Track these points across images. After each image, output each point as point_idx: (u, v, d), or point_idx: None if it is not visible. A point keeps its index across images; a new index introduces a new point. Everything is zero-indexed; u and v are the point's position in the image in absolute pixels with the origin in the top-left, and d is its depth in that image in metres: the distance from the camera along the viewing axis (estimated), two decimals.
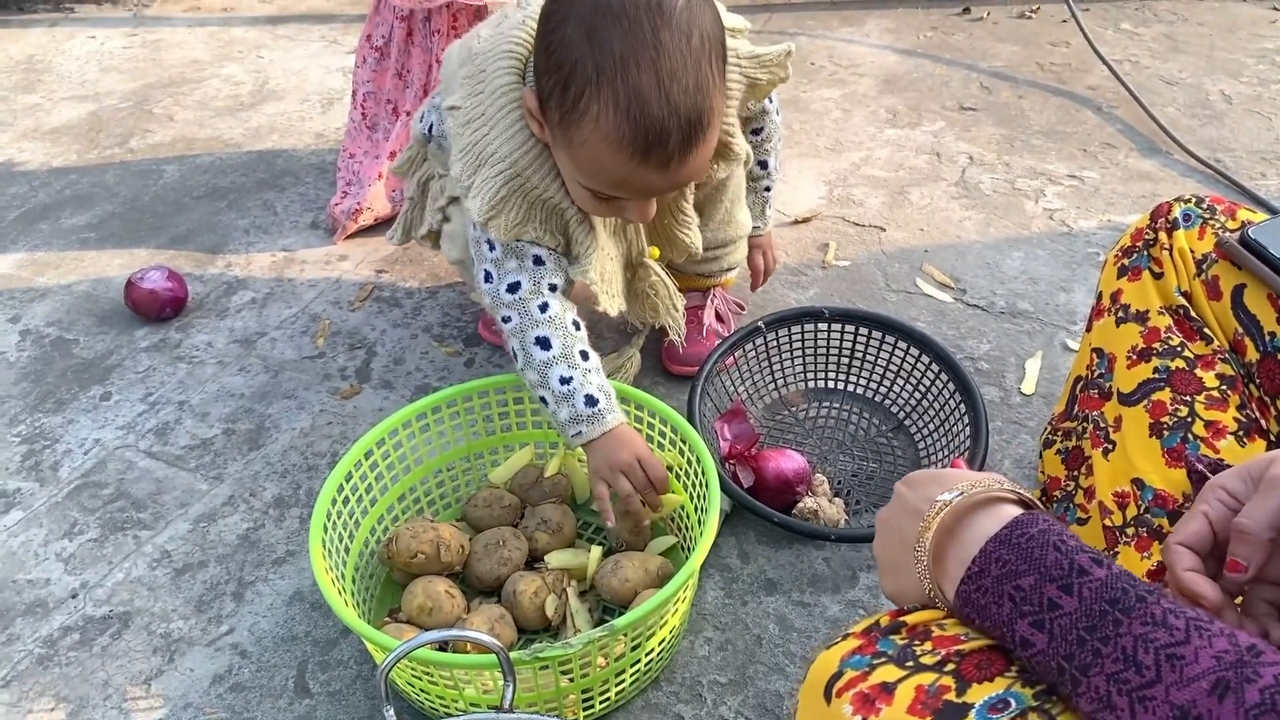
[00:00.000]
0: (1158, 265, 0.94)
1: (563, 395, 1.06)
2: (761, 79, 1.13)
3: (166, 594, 1.13)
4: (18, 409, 1.39)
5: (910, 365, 1.28)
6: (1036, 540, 0.60)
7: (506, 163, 1.04)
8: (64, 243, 1.74)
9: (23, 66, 2.40)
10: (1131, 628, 0.54)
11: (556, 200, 1.07)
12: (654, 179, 0.96)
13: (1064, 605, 0.56)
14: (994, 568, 0.60)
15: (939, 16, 2.39)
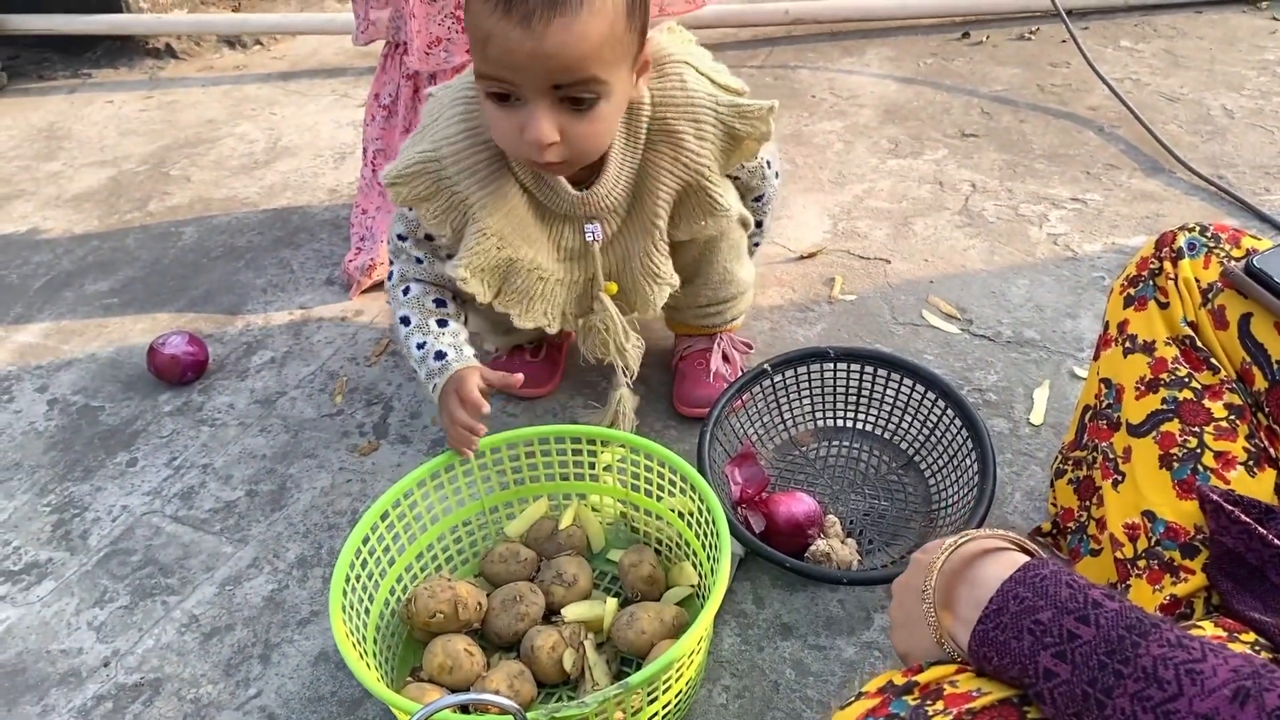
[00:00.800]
0: (1163, 295, 0.95)
1: (419, 358, 1.21)
2: (739, 129, 1.16)
3: (195, 659, 1.16)
4: (47, 478, 1.43)
5: (917, 401, 1.30)
6: (1050, 579, 0.62)
7: (431, 145, 1.15)
8: (88, 309, 1.78)
9: (44, 134, 2.46)
10: (1150, 649, 0.56)
11: (463, 196, 1.16)
12: (518, 39, 0.97)
13: (1083, 635, 0.59)
14: (1012, 604, 0.63)
15: (939, 42, 2.41)
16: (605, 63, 1.01)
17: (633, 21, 1.03)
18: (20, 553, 1.32)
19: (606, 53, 1.01)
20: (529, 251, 1.20)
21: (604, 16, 0.99)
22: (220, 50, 2.81)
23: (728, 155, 1.19)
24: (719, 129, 1.16)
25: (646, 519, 1.20)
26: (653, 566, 1.14)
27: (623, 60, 1.04)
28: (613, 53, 1.02)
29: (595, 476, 1.22)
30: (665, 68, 1.15)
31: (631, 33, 1.03)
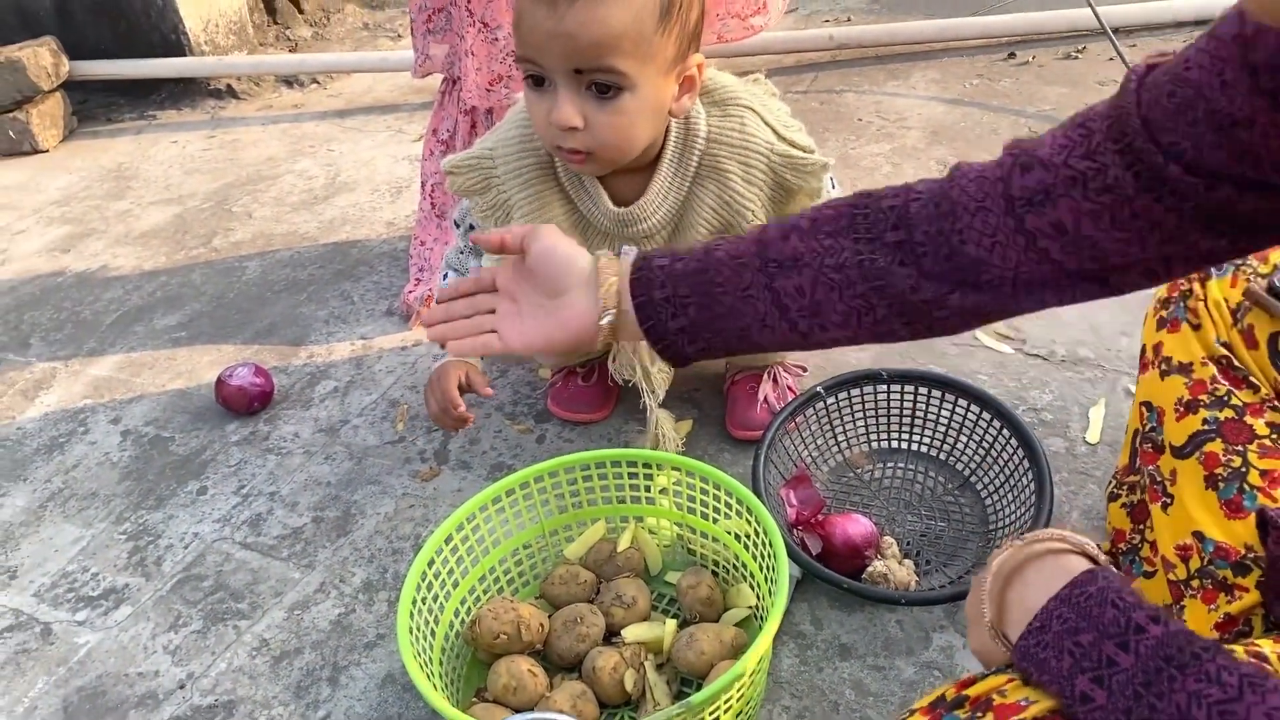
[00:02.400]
0: (1195, 316, 0.95)
1: None
2: (790, 180, 1.18)
3: (266, 681, 1.19)
4: (123, 507, 1.48)
5: (972, 422, 1.30)
6: (1095, 598, 0.63)
7: (491, 143, 1.23)
8: (157, 343, 1.84)
9: (113, 174, 2.55)
10: (1186, 684, 0.56)
11: (507, 196, 1.22)
12: (543, 17, 1.03)
13: (1121, 662, 0.59)
14: (1055, 624, 0.63)
15: (985, 63, 2.42)
16: (626, 54, 1.04)
17: (666, 25, 1.05)
18: (99, 579, 1.37)
19: (628, 45, 1.04)
20: None
21: (628, 7, 1.02)
22: (279, 90, 2.89)
23: (777, 206, 1.21)
24: (768, 176, 1.18)
25: (703, 541, 1.22)
26: (710, 588, 1.15)
27: (649, 60, 1.06)
28: (636, 47, 1.04)
29: (651, 499, 1.24)
30: (729, 108, 1.18)
31: (664, 36, 1.05)
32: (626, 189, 1.21)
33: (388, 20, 3.24)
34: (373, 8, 3.33)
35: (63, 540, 1.44)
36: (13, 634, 1.30)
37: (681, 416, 1.46)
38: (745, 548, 1.15)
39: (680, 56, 1.09)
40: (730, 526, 1.17)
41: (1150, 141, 0.65)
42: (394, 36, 3.13)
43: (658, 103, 1.11)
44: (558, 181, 1.22)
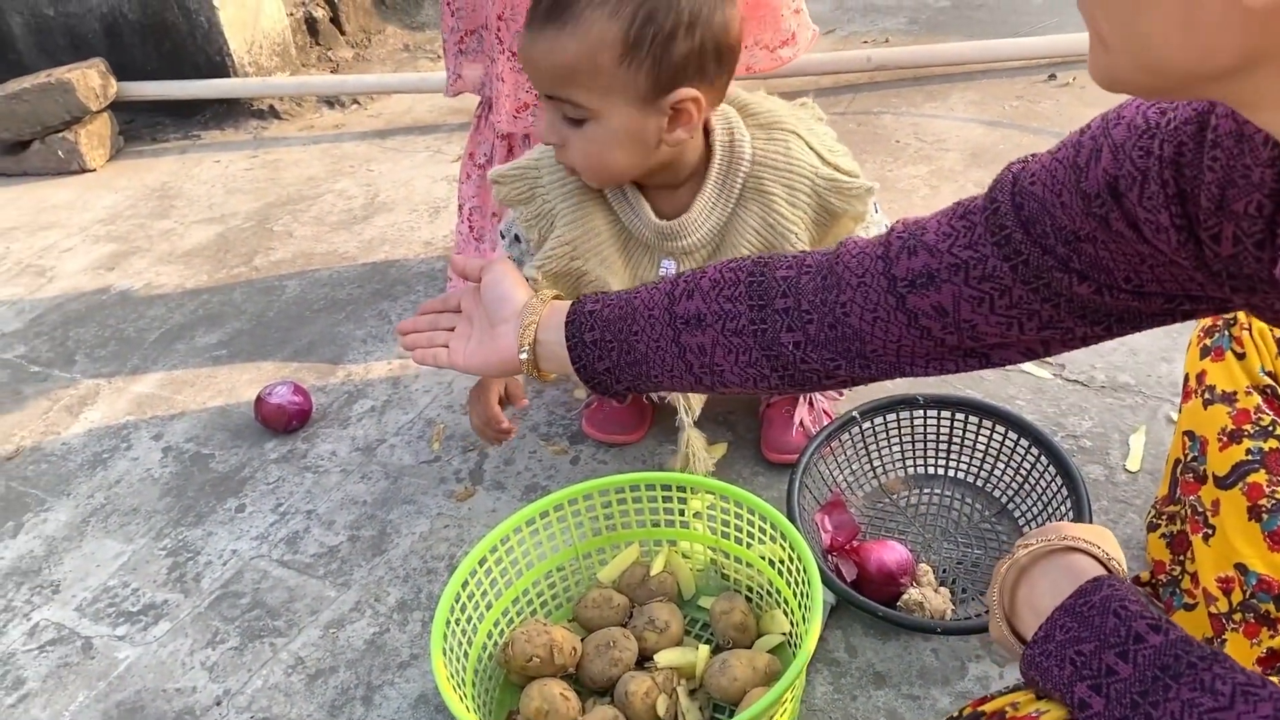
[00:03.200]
0: (1239, 345, 0.94)
1: None
2: (834, 204, 1.18)
3: (302, 700, 1.20)
4: (163, 523, 1.50)
5: (1009, 449, 1.29)
6: (1098, 607, 0.65)
7: (537, 154, 1.26)
8: (199, 360, 1.87)
9: (157, 194, 2.60)
10: (1180, 693, 0.58)
11: (551, 206, 1.24)
12: (525, 42, 1.09)
13: (1120, 671, 0.61)
14: (1058, 633, 0.65)
15: (1025, 85, 2.41)
16: (582, 86, 1.07)
17: (634, 59, 1.05)
18: (139, 594, 1.38)
19: (583, 77, 1.06)
20: (599, 269, 1.25)
21: (585, 43, 1.04)
22: (320, 110, 2.93)
23: (821, 229, 1.21)
24: (812, 199, 1.18)
25: (737, 566, 1.21)
26: (744, 614, 1.15)
27: (613, 92, 1.07)
28: (593, 80, 1.06)
29: (685, 523, 1.24)
30: (773, 131, 1.19)
31: (631, 70, 1.05)
32: (670, 204, 1.22)
33: (427, 41, 3.28)
34: (413, 29, 3.37)
35: (104, 555, 1.46)
36: (55, 647, 1.32)
37: (716, 439, 1.46)
38: (779, 573, 1.14)
39: (659, 90, 1.08)
40: (764, 552, 1.16)
41: (1025, 236, 0.69)
42: (433, 58, 3.16)
43: (633, 133, 1.11)
44: (600, 193, 1.23)
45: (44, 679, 1.28)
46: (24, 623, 1.37)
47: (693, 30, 1.05)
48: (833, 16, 2.98)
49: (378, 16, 3.35)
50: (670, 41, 1.05)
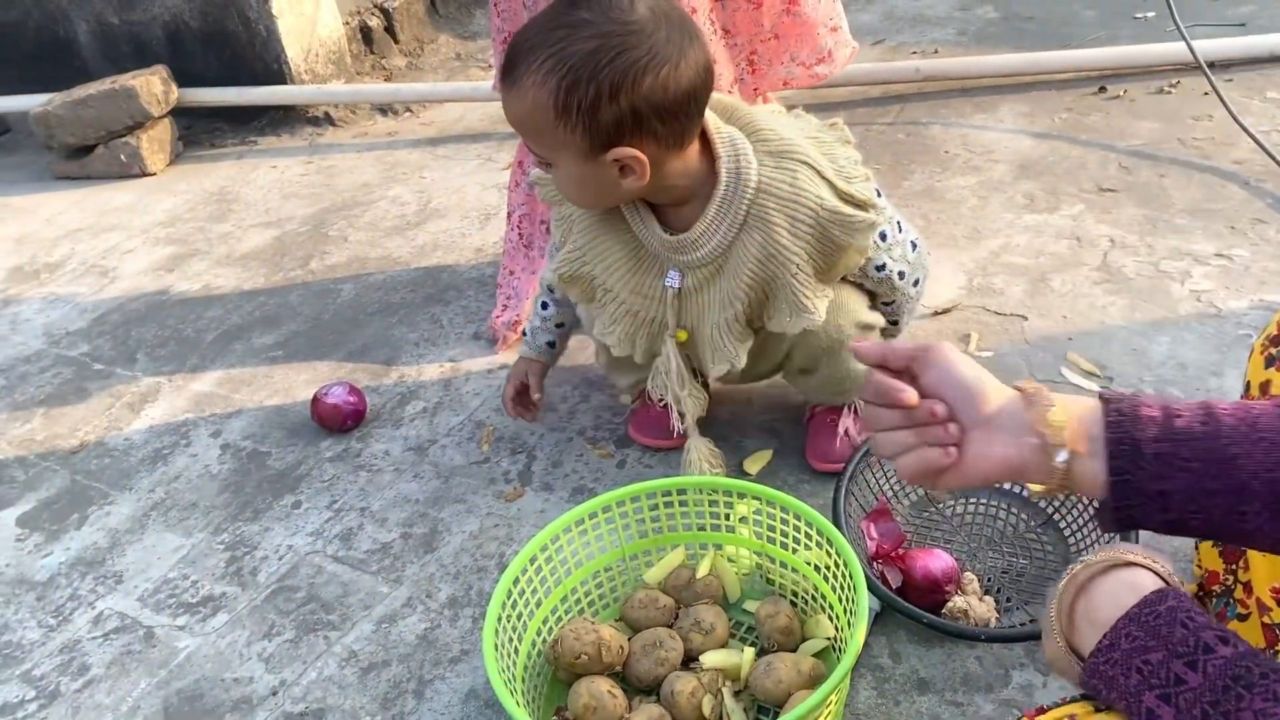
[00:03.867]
0: None
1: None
2: (836, 237, 1.20)
3: (355, 692, 1.23)
4: (221, 518, 1.54)
5: None
6: (1165, 617, 0.64)
7: None
8: (256, 361, 1.92)
9: (215, 198, 2.66)
10: (1253, 703, 0.57)
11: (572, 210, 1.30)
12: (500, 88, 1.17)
13: (1189, 680, 0.60)
14: (1124, 641, 0.64)
15: (1074, 97, 2.40)
16: (533, 139, 1.17)
17: (566, 122, 1.10)
18: (198, 586, 1.43)
19: (530, 132, 1.16)
20: (605, 274, 1.30)
21: (526, 105, 1.12)
22: (374, 118, 2.99)
23: (827, 259, 1.22)
24: (815, 230, 1.20)
25: (782, 571, 1.23)
26: (789, 618, 1.16)
27: (560, 147, 1.14)
28: (539, 135, 1.14)
29: (731, 528, 1.26)
30: (783, 160, 1.20)
31: (567, 131, 1.11)
32: (677, 219, 1.25)
33: (479, 50, 3.33)
34: (465, 38, 3.42)
35: (165, 548, 1.51)
36: (119, 636, 1.37)
37: (761, 447, 1.48)
38: (824, 579, 1.16)
39: (600, 147, 1.12)
40: (810, 558, 1.18)
41: None
42: (485, 66, 3.21)
43: (586, 180, 1.17)
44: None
45: (108, 665, 1.32)
46: (89, 611, 1.41)
47: (616, 97, 1.09)
48: (881, 27, 2.99)
49: (431, 26, 3.40)
50: (595, 109, 1.09)
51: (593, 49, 1.07)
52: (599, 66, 1.07)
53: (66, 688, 1.30)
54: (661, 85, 1.09)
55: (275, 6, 2.85)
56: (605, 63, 1.07)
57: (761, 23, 1.58)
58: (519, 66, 1.11)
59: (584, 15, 1.08)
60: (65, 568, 1.50)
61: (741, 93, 1.62)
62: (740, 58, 1.60)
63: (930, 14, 3.03)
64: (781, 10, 1.58)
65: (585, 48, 1.07)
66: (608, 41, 1.07)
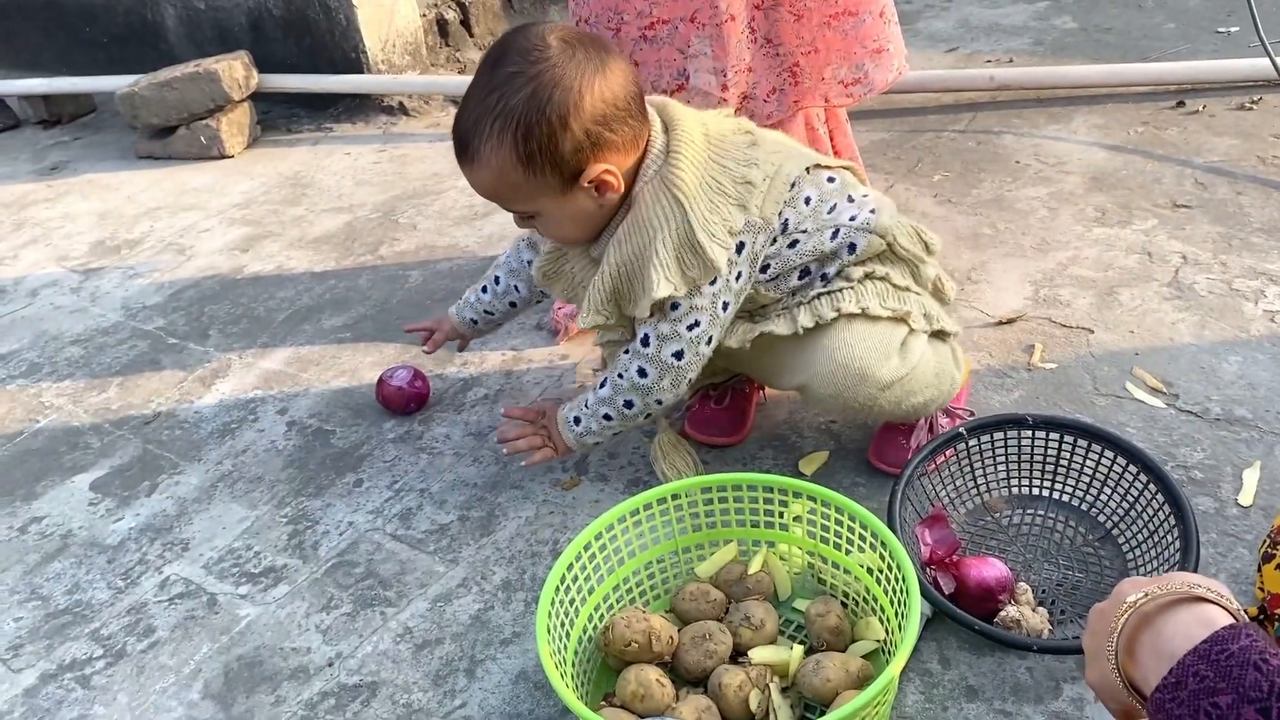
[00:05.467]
0: None
1: None
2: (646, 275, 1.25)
3: (408, 667, 1.26)
4: (285, 492, 1.59)
5: (1118, 475, 1.28)
6: (1236, 658, 0.61)
7: None
8: (324, 341, 1.96)
9: (290, 182, 2.72)
10: None
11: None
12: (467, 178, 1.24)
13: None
14: (1191, 681, 0.62)
15: (1151, 111, 2.36)
16: (510, 198, 1.23)
17: (534, 169, 1.16)
18: (260, 557, 1.47)
19: (506, 192, 1.21)
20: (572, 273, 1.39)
21: (492, 172, 1.19)
22: (446, 109, 3.03)
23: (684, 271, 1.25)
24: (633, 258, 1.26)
25: (834, 571, 1.23)
26: (839, 618, 1.17)
27: (536, 194, 1.20)
28: (515, 192, 1.20)
29: (785, 526, 1.26)
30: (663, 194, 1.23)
31: (538, 176, 1.17)
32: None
33: None
34: None
35: (230, 519, 1.55)
36: (183, 601, 1.41)
37: (817, 448, 1.49)
38: (876, 581, 1.16)
39: (571, 179, 1.19)
40: (863, 559, 1.18)
41: None
42: None
43: (573, 214, 1.24)
44: None
45: (172, 629, 1.37)
46: (156, 575, 1.46)
47: (567, 125, 1.15)
48: (955, 34, 2.97)
49: (505, 20, 3.44)
50: (555, 144, 1.15)
51: (530, 93, 1.14)
52: (542, 106, 1.14)
53: (132, 648, 1.35)
54: (600, 98, 1.16)
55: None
56: (546, 100, 1.14)
57: (803, 35, 1.57)
58: (471, 142, 1.18)
59: (508, 70, 1.15)
60: (135, 533, 1.55)
61: (780, 103, 1.62)
62: (782, 68, 1.60)
63: (1006, 23, 3.00)
64: (822, 24, 1.57)
65: (523, 95, 1.14)
66: (539, 82, 1.14)
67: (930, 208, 2.09)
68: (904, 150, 2.36)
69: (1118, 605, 0.71)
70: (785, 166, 1.27)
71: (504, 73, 1.16)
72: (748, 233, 1.25)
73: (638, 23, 1.53)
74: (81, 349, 2.07)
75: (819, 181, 1.31)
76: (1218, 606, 0.67)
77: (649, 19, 1.53)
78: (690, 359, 1.30)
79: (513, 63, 1.15)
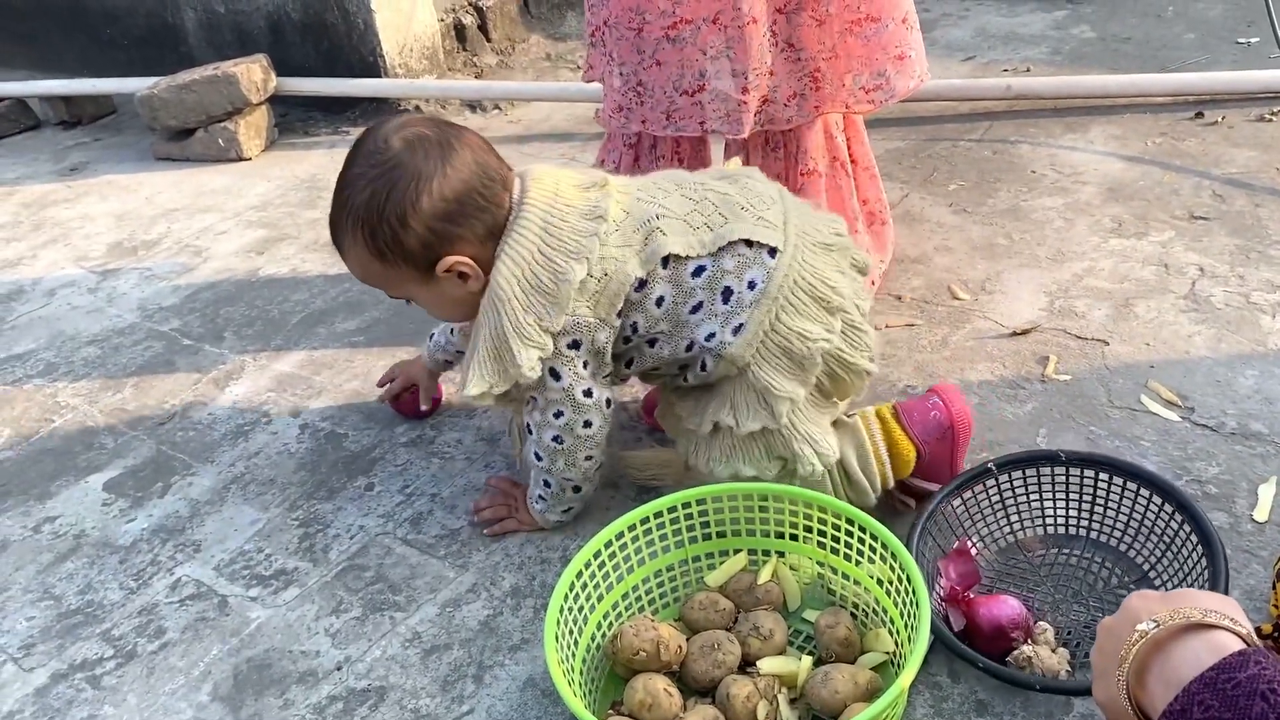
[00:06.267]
0: None
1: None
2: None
3: (417, 672, 1.26)
4: (296, 495, 1.59)
5: (1154, 514, 1.24)
6: (1244, 688, 0.61)
7: None
8: (338, 345, 1.97)
9: (306, 184, 2.74)
10: None
11: None
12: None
13: None
14: (1196, 710, 0.62)
15: (1169, 122, 2.35)
16: (384, 285, 1.28)
17: (387, 263, 1.22)
18: (271, 560, 1.47)
19: (375, 280, 1.28)
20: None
21: (356, 262, 1.26)
22: (463, 114, 3.04)
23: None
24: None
25: (843, 582, 1.23)
26: (849, 629, 1.16)
27: (399, 282, 1.26)
28: (383, 280, 1.27)
29: (794, 535, 1.26)
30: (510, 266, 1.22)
31: (393, 268, 1.23)
32: None
33: (569, 51, 3.37)
34: (555, 39, 3.46)
35: (242, 521, 1.55)
36: (195, 602, 1.41)
37: None
38: (886, 593, 1.15)
39: (428, 268, 1.23)
40: (873, 571, 1.18)
41: None
42: (573, 68, 3.25)
43: (440, 298, 1.28)
44: None
45: (183, 630, 1.37)
46: (168, 576, 1.47)
47: (407, 225, 1.19)
48: (973, 43, 2.96)
49: (523, 25, 3.45)
50: (399, 242, 1.20)
51: (369, 195, 1.19)
52: (381, 207, 1.19)
53: (143, 649, 1.35)
54: (439, 197, 1.19)
55: (374, 1, 2.91)
56: (384, 201, 1.19)
57: (824, 40, 1.57)
58: (337, 237, 1.25)
59: (356, 170, 1.21)
60: (147, 534, 1.56)
61: (801, 108, 1.62)
62: (803, 73, 1.60)
63: (1024, 32, 2.99)
64: (844, 29, 1.57)
65: (364, 197, 1.19)
66: (377, 184, 1.19)
67: (946, 217, 2.08)
68: (920, 159, 2.35)
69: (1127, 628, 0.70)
70: (628, 265, 1.23)
71: (353, 172, 1.21)
72: (578, 331, 1.25)
73: (660, 22, 1.53)
74: (98, 349, 2.08)
75: (679, 278, 1.25)
76: (1228, 632, 0.67)
77: (672, 18, 1.53)
78: (571, 442, 1.32)
79: (358, 164, 1.21)
